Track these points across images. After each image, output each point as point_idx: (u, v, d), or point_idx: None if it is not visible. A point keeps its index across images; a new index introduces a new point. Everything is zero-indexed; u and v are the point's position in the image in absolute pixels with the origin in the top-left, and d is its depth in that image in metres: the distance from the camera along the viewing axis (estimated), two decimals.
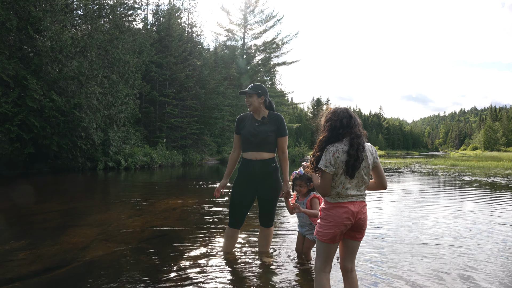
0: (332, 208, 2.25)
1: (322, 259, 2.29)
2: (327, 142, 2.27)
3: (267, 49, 40.39)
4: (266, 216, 3.51)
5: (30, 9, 12.64)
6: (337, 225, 2.21)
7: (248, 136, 3.36)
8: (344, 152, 2.20)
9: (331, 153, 2.20)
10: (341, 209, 2.22)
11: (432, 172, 17.20)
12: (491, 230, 4.93)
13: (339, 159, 2.19)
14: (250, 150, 3.38)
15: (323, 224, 2.26)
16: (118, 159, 16.95)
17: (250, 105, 3.39)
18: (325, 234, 2.23)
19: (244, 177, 3.43)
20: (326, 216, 2.26)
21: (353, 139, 2.22)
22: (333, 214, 2.23)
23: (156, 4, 27.36)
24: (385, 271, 3.22)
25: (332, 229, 2.22)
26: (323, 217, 2.28)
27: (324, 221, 2.26)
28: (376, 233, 4.68)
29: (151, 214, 5.87)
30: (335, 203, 2.24)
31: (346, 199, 2.23)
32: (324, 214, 2.28)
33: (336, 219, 2.22)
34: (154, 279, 2.95)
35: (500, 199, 8.09)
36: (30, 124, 12.31)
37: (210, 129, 28.67)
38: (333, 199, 2.26)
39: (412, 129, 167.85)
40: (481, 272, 3.26)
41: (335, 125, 2.27)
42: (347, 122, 2.26)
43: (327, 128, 2.31)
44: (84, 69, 13.93)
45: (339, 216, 2.21)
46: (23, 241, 4.07)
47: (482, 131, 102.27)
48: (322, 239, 2.25)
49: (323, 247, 2.27)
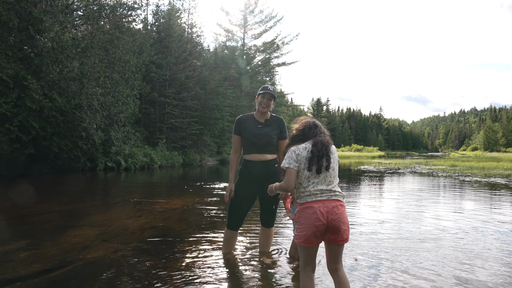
0: (302, 210, 2.26)
1: (302, 260, 2.31)
2: (288, 146, 2.44)
3: (267, 49, 40.41)
4: (268, 216, 3.52)
5: (31, 10, 12.65)
6: (308, 226, 2.20)
7: (251, 138, 3.34)
8: (305, 149, 2.31)
9: (292, 151, 2.32)
10: (310, 209, 2.21)
11: (432, 172, 17.20)
12: (491, 230, 4.93)
13: (301, 155, 2.29)
14: (253, 152, 3.36)
15: (298, 227, 2.28)
16: (118, 160, 16.96)
17: (267, 106, 3.35)
18: (299, 236, 2.24)
19: (245, 178, 3.41)
20: (299, 219, 2.28)
21: (316, 140, 2.34)
22: (304, 215, 2.24)
23: (156, 4, 27.28)
24: (384, 269, 3.22)
25: (304, 231, 2.22)
26: (297, 220, 2.30)
27: (298, 224, 2.27)
28: (376, 231, 4.68)
29: (151, 214, 5.87)
30: (304, 203, 2.26)
31: (314, 197, 2.23)
32: (297, 217, 2.30)
33: (306, 221, 2.21)
34: (155, 279, 2.95)
35: (500, 199, 8.09)
36: (29, 125, 12.31)
37: (210, 129, 28.66)
38: (302, 199, 2.28)
39: (412, 129, 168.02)
40: (481, 271, 3.26)
41: (298, 133, 2.45)
42: (309, 130, 2.41)
43: (290, 136, 2.51)
44: (86, 70, 13.95)
45: (309, 217, 2.20)
46: (23, 242, 4.07)
47: (482, 132, 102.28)
48: (298, 242, 2.27)
49: (301, 249, 2.30)
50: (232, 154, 3.50)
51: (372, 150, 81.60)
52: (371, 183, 11.89)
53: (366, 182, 12.41)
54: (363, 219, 5.64)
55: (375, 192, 9.61)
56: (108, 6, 16.63)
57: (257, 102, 3.37)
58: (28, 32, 12.87)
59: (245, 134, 3.37)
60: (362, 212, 6.34)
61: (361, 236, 4.52)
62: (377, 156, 62.27)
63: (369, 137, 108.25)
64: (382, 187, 10.83)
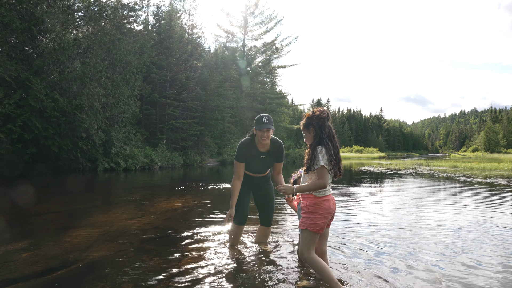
0: (321, 202, 2.62)
1: (310, 245, 2.64)
2: (316, 145, 2.66)
3: (267, 50, 40.43)
4: (268, 214, 3.81)
5: (34, 11, 12.68)
6: (326, 215, 2.63)
7: (254, 167, 3.67)
8: (330, 150, 2.62)
9: (325, 152, 2.59)
10: (328, 202, 2.64)
11: (433, 173, 17.19)
12: (491, 229, 4.92)
13: (331, 156, 2.61)
14: (253, 172, 3.73)
15: (316, 216, 2.61)
16: (118, 160, 16.96)
17: (268, 138, 3.45)
18: (317, 224, 2.61)
19: (247, 183, 3.77)
20: (317, 210, 2.62)
21: (335, 142, 2.67)
22: (323, 206, 2.62)
23: (157, 5, 27.29)
24: (383, 268, 3.22)
25: (322, 219, 2.62)
26: (315, 211, 2.62)
27: (316, 214, 2.62)
28: (376, 230, 4.67)
29: (153, 214, 5.86)
30: (323, 197, 2.63)
31: (329, 192, 2.68)
32: (314, 208, 2.63)
33: (325, 211, 2.62)
34: (157, 279, 2.95)
35: (501, 199, 8.08)
36: (31, 125, 12.33)
37: (211, 130, 28.68)
38: (321, 193, 2.63)
39: (412, 130, 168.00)
40: (481, 270, 3.25)
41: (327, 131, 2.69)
42: (329, 131, 2.68)
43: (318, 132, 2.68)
44: (87, 70, 13.96)
45: (327, 208, 2.63)
46: (25, 242, 4.06)
47: (482, 133, 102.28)
48: (315, 230, 2.61)
49: (312, 236, 2.63)
50: (236, 180, 3.61)
51: (372, 151, 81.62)
52: (372, 184, 11.88)
53: (367, 183, 12.40)
54: (363, 219, 5.64)
55: (376, 192, 9.60)
56: (109, 7, 16.67)
57: (256, 134, 3.48)
58: (30, 32, 12.89)
59: (248, 163, 3.65)
60: (363, 212, 6.33)
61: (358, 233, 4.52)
62: (377, 157, 62.27)
63: (369, 138, 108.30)
64: (382, 188, 10.82)
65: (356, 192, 9.44)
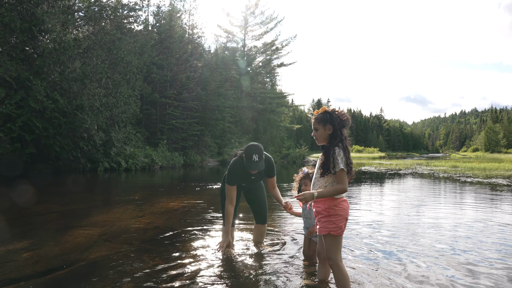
0: (339, 203, 2.53)
1: (337, 250, 2.52)
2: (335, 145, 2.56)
3: (268, 50, 40.43)
4: (262, 212, 3.87)
5: (34, 11, 12.69)
6: (346, 216, 2.55)
7: (248, 184, 3.72)
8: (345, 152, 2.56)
9: (343, 155, 2.53)
10: (345, 202, 2.58)
11: (433, 173, 17.19)
12: (493, 229, 4.92)
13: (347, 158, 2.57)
14: (247, 185, 3.78)
15: (336, 219, 2.51)
16: (118, 160, 16.96)
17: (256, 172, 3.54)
18: (340, 227, 2.51)
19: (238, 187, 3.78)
20: (338, 211, 2.52)
21: (347, 143, 2.60)
22: (342, 208, 2.53)
23: (157, 5, 27.30)
24: (384, 267, 3.22)
25: (343, 221, 2.53)
26: (336, 213, 2.51)
27: (337, 216, 2.51)
28: (377, 230, 4.67)
29: (153, 214, 5.87)
30: (340, 198, 2.54)
31: (344, 194, 2.57)
32: (335, 210, 2.52)
33: (345, 212, 2.54)
34: (157, 279, 2.95)
35: (502, 199, 8.08)
36: (32, 125, 12.33)
37: (211, 130, 28.68)
38: (339, 195, 2.53)
39: (412, 130, 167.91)
40: (481, 269, 3.25)
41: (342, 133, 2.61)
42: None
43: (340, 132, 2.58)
44: (87, 71, 13.97)
45: (346, 209, 2.56)
46: (26, 242, 4.07)
47: (482, 133, 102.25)
48: (338, 233, 2.50)
49: (338, 240, 2.52)
50: (229, 204, 3.51)
51: (373, 151, 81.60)
52: (373, 184, 11.88)
53: (368, 183, 12.40)
54: (364, 218, 5.64)
55: (376, 192, 9.60)
56: (109, 7, 16.68)
57: (245, 161, 3.46)
58: (30, 33, 12.90)
59: (240, 184, 3.69)
60: (364, 211, 6.34)
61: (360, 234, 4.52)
62: (378, 157, 62.26)
63: (369, 138, 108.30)
64: (383, 188, 10.82)
65: (357, 192, 9.43)
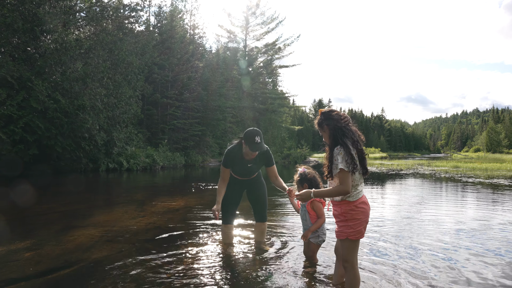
0: (358, 206, 2.37)
1: (355, 255, 2.44)
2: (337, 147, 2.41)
3: (269, 51, 40.40)
4: (262, 210, 3.89)
5: (36, 11, 12.71)
6: (366, 219, 2.40)
7: (240, 174, 3.76)
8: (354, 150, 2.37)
9: (348, 153, 2.34)
10: (365, 204, 2.40)
11: (434, 174, 17.16)
12: (494, 229, 4.91)
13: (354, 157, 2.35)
14: (243, 177, 3.81)
15: (355, 223, 2.36)
16: (120, 161, 16.98)
17: (253, 156, 3.59)
18: (358, 231, 2.38)
19: (234, 183, 3.84)
20: (356, 215, 2.37)
21: (358, 141, 2.44)
22: (361, 211, 2.37)
23: (159, 6, 27.32)
24: (385, 267, 3.22)
25: (362, 224, 2.39)
26: (353, 217, 2.37)
27: (355, 221, 2.37)
28: (379, 230, 4.66)
29: (155, 215, 5.87)
30: (357, 200, 2.37)
31: (362, 194, 2.41)
32: (352, 214, 2.37)
33: (364, 215, 2.39)
34: (159, 279, 2.95)
35: (504, 200, 8.06)
36: (34, 126, 12.35)
37: (212, 130, 28.68)
38: (355, 197, 2.38)
39: (414, 130, 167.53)
40: (482, 268, 3.24)
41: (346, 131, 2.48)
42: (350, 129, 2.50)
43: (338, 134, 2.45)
44: (89, 71, 14.00)
45: (365, 212, 2.39)
46: (28, 242, 4.08)
47: (484, 133, 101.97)
48: (357, 237, 2.38)
49: (356, 244, 2.42)
50: (221, 182, 3.73)
51: (374, 151, 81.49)
52: (375, 184, 11.87)
53: (369, 183, 12.39)
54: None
55: (378, 192, 9.59)
56: (110, 8, 16.70)
57: (244, 148, 3.51)
58: (32, 33, 12.93)
59: (234, 170, 3.73)
60: None
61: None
62: (379, 157, 62.17)
63: (371, 138, 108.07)
64: (385, 188, 10.81)
65: None
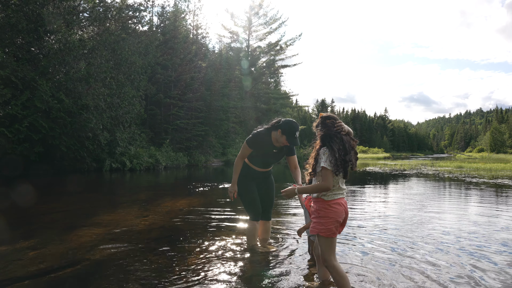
0: (332, 205, 2.49)
1: (331, 252, 2.52)
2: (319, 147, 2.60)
3: (272, 51, 40.40)
4: (269, 209, 3.85)
5: (40, 11, 12.77)
6: (337, 219, 2.49)
7: (264, 159, 3.66)
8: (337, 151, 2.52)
9: (330, 153, 2.49)
10: (340, 205, 2.51)
11: (438, 174, 17.09)
12: (495, 229, 4.88)
13: (335, 157, 2.49)
14: (259, 166, 3.70)
15: (325, 221, 2.49)
16: (123, 161, 17.02)
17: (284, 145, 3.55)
18: (329, 229, 2.48)
19: (250, 179, 3.74)
20: (327, 213, 2.49)
21: (344, 142, 2.59)
22: (333, 210, 2.49)
23: (162, 6, 27.38)
24: (386, 268, 3.20)
25: (333, 223, 2.48)
26: (324, 215, 2.50)
27: (326, 218, 2.49)
28: (381, 230, 4.64)
29: (158, 214, 5.88)
30: (332, 200, 2.50)
31: (339, 196, 2.53)
32: (324, 212, 2.50)
33: (335, 215, 2.49)
34: (162, 278, 2.95)
35: (507, 200, 8.01)
36: (38, 125, 12.41)
37: (215, 130, 28.70)
38: (330, 197, 2.50)
39: (417, 131, 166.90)
40: (484, 269, 3.22)
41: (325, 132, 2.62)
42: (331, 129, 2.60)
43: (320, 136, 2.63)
44: (92, 71, 14.04)
45: (337, 212, 2.49)
46: (32, 241, 4.09)
47: (488, 133, 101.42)
48: (328, 234, 2.49)
49: (329, 241, 2.51)
50: (239, 159, 3.67)
51: (377, 151, 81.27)
52: (377, 184, 11.83)
53: (372, 183, 12.35)
54: (370, 217, 5.61)
55: (381, 193, 9.56)
56: (114, 8, 16.74)
57: (279, 135, 3.45)
58: (36, 33, 12.99)
59: (259, 153, 3.62)
60: (369, 211, 6.31)
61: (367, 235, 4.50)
62: (382, 157, 62.00)
63: (374, 138, 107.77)
64: (388, 188, 10.77)
65: (361, 192, 9.40)
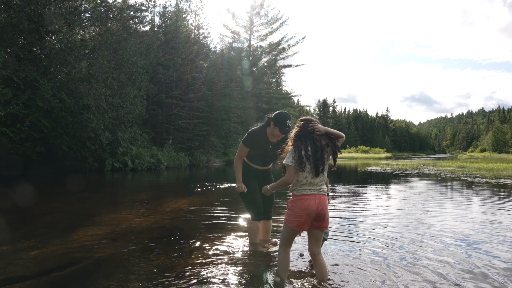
0: (298, 201, 2.65)
1: (286, 241, 2.76)
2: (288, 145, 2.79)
3: (273, 51, 40.39)
4: (268, 208, 3.87)
5: (42, 12, 12.80)
6: (301, 214, 2.63)
7: (262, 156, 3.69)
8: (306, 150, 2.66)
9: (294, 151, 2.64)
10: (306, 202, 2.63)
11: (440, 174, 17.04)
12: (497, 229, 4.86)
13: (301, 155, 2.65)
14: (259, 164, 3.76)
15: (290, 212, 2.68)
16: (125, 160, 17.04)
17: (280, 138, 3.51)
18: (293, 221, 2.66)
19: (251, 177, 3.77)
20: (294, 207, 2.67)
21: (315, 141, 2.68)
22: (299, 205, 2.64)
23: (163, 6, 27.35)
24: (387, 268, 3.18)
25: (297, 217, 2.64)
26: (291, 208, 2.69)
27: (291, 211, 2.68)
28: (382, 229, 4.63)
29: (159, 214, 5.87)
30: (299, 195, 2.66)
31: (308, 192, 2.65)
32: (291, 205, 2.70)
33: (300, 210, 2.63)
34: (163, 278, 2.95)
35: (509, 199, 7.98)
36: (40, 125, 12.44)
37: (217, 130, 28.71)
38: (298, 191, 2.67)
39: (419, 131, 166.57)
40: (492, 266, 3.20)
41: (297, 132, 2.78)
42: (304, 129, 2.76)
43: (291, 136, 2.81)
44: (94, 71, 14.06)
45: (305, 208, 2.62)
46: (33, 240, 4.09)
47: (490, 133, 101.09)
48: (291, 226, 2.68)
49: (289, 232, 2.71)
50: (237, 160, 3.74)
51: (379, 151, 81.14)
52: (378, 184, 11.81)
53: (373, 183, 12.32)
54: (370, 216, 5.59)
55: (382, 192, 9.53)
56: (115, 8, 16.76)
57: (272, 129, 3.42)
58: (38, 33, 13.01)
59: (256, 151, 3.65)
60: (369, 211, 6.29)
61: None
62: (384, 157, 61.92)
63: (375, 138, 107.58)
64: (389, 188, 10.75)
65: (362, 192, 9.38)
